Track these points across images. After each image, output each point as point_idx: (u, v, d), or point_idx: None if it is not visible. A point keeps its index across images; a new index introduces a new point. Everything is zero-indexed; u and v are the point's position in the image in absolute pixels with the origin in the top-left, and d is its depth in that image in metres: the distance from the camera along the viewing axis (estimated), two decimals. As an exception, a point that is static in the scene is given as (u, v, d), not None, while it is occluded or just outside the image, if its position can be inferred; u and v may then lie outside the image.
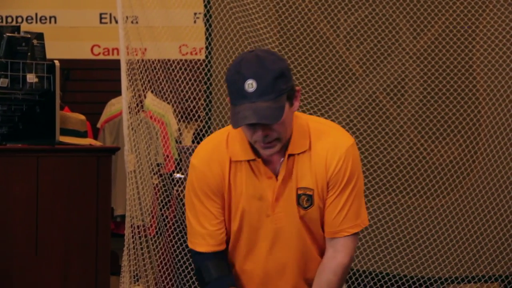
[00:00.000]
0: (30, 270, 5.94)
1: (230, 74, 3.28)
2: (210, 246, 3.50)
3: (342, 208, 3.46)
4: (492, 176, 6.07)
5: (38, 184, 5.97)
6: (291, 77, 3.25)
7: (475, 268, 6.11)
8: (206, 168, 3.47)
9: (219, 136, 3.58)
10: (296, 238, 3.55)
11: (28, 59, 5.99)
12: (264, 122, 3.13)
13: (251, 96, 3.14)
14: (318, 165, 3.44)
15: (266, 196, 3.42)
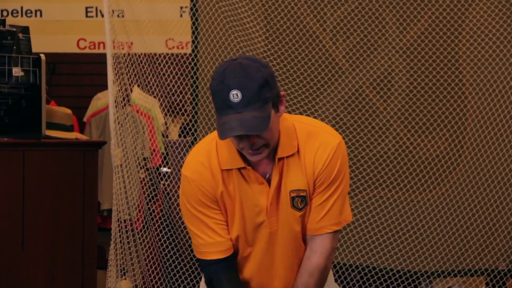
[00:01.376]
0: (16, 266, 5.96)
1: (214, 83, 3.22)
2: (221, 253, 3.45)
3: (325, 205, 3.44)
4: (478, 170, 6.05)
5: (24, 178, 5.97)
6: (275, 84, 3.25)
7: (461, 262, 6.10)
8: (200, 178, 3.43)
9: (207, 145, 3.53)
10: (291, 240, 3.52)
11: (13, 52, 5.99)
12: (251, 133, 3.12)
13: (236, 107, 3.12)
14: (308, 166, 3.42)
15: (259, 202, 3.39)
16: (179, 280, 6.16)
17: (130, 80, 6.48)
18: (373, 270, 6.17)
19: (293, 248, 3.58)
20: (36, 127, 6.06)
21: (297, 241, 3.55)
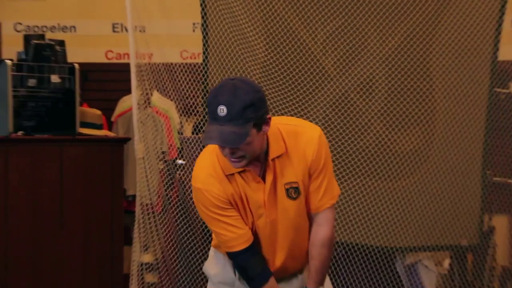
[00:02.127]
0: (56, 243, 6.35)
1: (209, 97, 3.65)
2: (245, 243, 3.81)
3: (321, 186, 3.82)
4: (445, 161, 6.45)
5: (62, 169, 6.38)
6: (262, 107, 3.54)
7: (429, 239, 6.46)
8: (210, 187, 3.77)
9: (209, 158, 3.87)
10: (289, 225, 3.89)
11: (52, 62, 6.41)
12: (224, 145, 3.52)
13: (220, 120, 3.49)
14: (298, 161, 3.82)
15: (258, 198, 3.79)
16: (192, 254, 6.41)
17: (150, 85, 6.79)
18: (356, 246, 6.43)
19: (292, 231, 3.91)
20: (71, 126, 6.49)
21: (295, 225, 3.92)
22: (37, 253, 6.34)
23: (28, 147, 6.38)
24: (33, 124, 6.44)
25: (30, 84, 6.36)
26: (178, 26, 7.08)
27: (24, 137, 6.36)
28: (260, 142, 3.66)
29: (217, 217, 3.87)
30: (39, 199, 6.34)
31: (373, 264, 6.53)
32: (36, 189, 6.34)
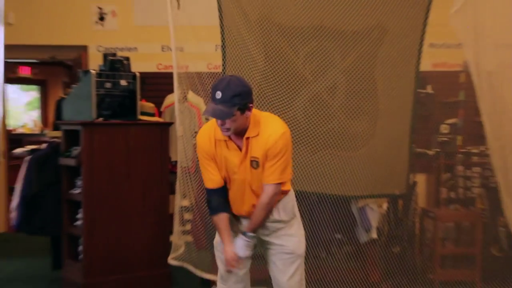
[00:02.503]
0: (124, 192, 6.46)
1: (213, 84, 3.95)
2: (214, 184, 4.14)
3: (272, 167, 4.02)
4: (385, 138, 6.47)
5: (128, 142, 6.49)
6: (246, 98, 3.89)
7: (374, 190, 6.47)
8: (202, 142, 4.16)
9: (211, 125, 4.13)
10: (252, 185, 4.12)
11: (121, 72, 6.54)
12: (214, 117, 3.92)
13: (216, 101, 3.85)
14: (262, 144, 4.01)
15: (234, 161, 4.06)
16: None
17: (186, 87, 6.78)
18: (325, 195, 6.38)
19: (254, 190, 4.14)
20: (134, 114, 6.61)
21: (254, 186, 4.12)
22: (112, 196, 6.43)
23: (105, 128, 6.43)
24: (109, 113, 6.47)
25: (107, 86, 6.46)
26: (205, 47, 7.06)
27: (102, 122, 6.40)
28: (242, 122, 3.94)
29: (202, 161, 4.21)
30: (113, 161, 6.43)
31: (337, 207, 6.49)
32: (111, 155, 6.42)
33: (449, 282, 6.51)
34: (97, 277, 6.32)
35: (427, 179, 7.49)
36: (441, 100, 7.22)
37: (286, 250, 4.23)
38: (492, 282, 6.36)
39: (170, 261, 6.56)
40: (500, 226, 6.73)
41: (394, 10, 6.42)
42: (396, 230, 6.87)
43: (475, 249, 6.64)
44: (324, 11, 6.37)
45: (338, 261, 6.74)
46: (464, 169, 7.08)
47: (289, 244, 4.24)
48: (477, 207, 6.98)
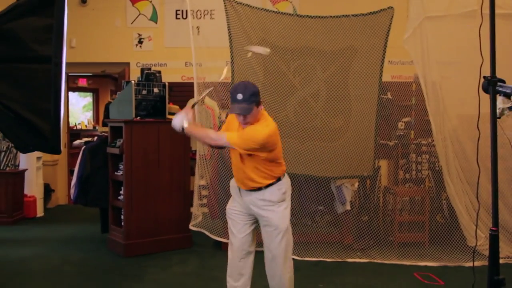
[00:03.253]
0: (156, 174, 6.38)
1: (232, 89, 3.95)
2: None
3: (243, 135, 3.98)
4: (356, 132, 6.42)
5: (158, 136, 6.41)
6: (258, 96, 3.94)
7: (348, 172, 6.48)
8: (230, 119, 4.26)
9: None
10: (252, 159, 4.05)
11: (154, 82, 6.46)
12: (240, 113, 3.90)
13: (238, 101, 3.87)
14: None
15: None
16: (224, 180, 6.16)
17: (204, 93, 6.79)
18: (311, 176, 6.39)
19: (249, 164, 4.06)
20: (163, 114, 6.50)
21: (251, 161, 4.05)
22: (146, 177, 6.38)
23: (142, 125, 6.36)
24: (144, 113, 6.42)
25: (143, 93, 6.41)
26: (218, 63, 6.86)
27: (139, 120, 6.34)
28: (256, 115, 3.97)
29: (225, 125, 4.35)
30: (147, 150, 6.37)
31: (319, 185, 6.48)
32: (146, 146, 6.36)
33: (405, 243, 6.53)
34: (134, 239, 6.34)
35: (388, 164, 7.47)
36: (398, 104, 7.20)
37: (271, 223, 4.08)
38: (437, 242, 6.39)
39: (190, 227, 6.59)
40: (443, 199, 6.75)
41: (362, 36, 6.45)
42: (365, 203, 6.88)
43: (424, 217, 6.70)
44: (309, 35, 6.42)
45: (320, 228, 6.80)
46: (416, 156, 7.09)
47: (273, 218, 4.09)
48: (425, 185, 7.00)
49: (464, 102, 5.86)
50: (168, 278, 5.50)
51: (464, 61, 5.52)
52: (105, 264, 6.00)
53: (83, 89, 15.12)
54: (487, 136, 2.68)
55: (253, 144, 3.89)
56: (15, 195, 8.20)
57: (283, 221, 4.11)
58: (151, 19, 9.35)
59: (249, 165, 4.06)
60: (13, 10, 2.65)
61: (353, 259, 6.16)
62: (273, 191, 4.10)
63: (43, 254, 6.40)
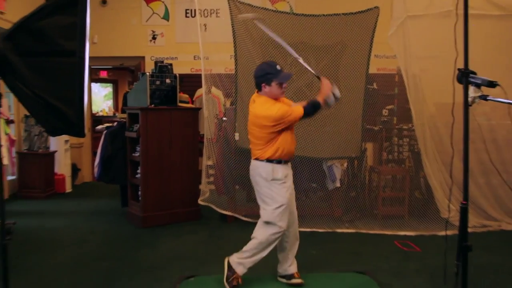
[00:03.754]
0: (168, 155, 6.34)
1: (266, 68, 3.90)
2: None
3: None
4: (345, 118, 6.34)
5: (171, 122, 6.37)
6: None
7: (338, 153, 6.45)
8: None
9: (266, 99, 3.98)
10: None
11: (166, 73, 6.41)
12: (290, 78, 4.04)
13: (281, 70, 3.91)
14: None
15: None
16: (229, 160, 6.36)
17: (210, 83, 6.69)
18: (306, 157, 6.24)
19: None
20: (175, 102, 6.47)
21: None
22: (160, 158, 6.36)
23: (156, 112, 6.32)
24: (158, 101, 6.39)
25: (157, 84, 6.38)
26: (223, 56, 7.08)
27: (154, 107, 6.30)
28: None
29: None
30: (161, 134, 6.33)
31: (313, 165, 6.44)
32: (159, 130, 6.32)
33: (387, 215, 6.54)
34: (150, 212, 6.35)
35: (373, 146, 7.46)
36: (382, 93, 7.20)
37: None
38: (415, 215, 6.40)
39: (199, 202, 6.62)
40: (421, 177, 6.76)
41: (351, 32, 6.39)
42: (353, 181, 6.89)
43: (405, 193, 6.69)
44: (304, 31, 6.36)
45: (313, 202, 6.74)
46: (398, 140, 7.05)
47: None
48: (406, 165, 6.97)
49: (440, 92, 5.73)
50: (179, 246, 5.53)
51: (441, 55, 5.49)
52: (125, 234, 6.03)
53: (104, 80, 15.13)
54: (460, 122, 2.71)
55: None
56: (47, 174, 8.25)
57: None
58: (163, 18, 9.34)
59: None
60: (42, 10, 2.65)
61: (341, 229, 6.18)
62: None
63: (72, 225, 6.44)
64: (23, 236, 5.73)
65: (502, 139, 6.14)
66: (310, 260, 4.91)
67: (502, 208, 6.30)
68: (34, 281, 4.39)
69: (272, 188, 3.98)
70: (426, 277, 4.46)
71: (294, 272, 4.26)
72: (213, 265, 4.66)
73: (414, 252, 5.28)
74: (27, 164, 8.11)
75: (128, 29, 9.34)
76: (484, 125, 5.99)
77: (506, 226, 6.18)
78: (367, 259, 5.02)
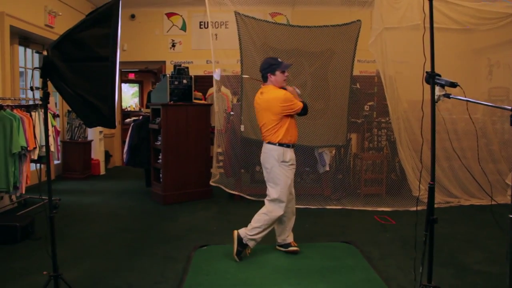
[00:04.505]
0: (185, 143, 6.30)
1: (270, 61, 3.86)
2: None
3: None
4: (333, 112, 6.31)
5: (187, 116, 6.32)
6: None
7: (327, 142, 6.39)
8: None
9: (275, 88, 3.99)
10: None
11: (183, 75, 6.36)
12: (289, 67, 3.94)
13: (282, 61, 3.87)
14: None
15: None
16: (236, 149, 6.35)
17: (220, 83, 6.66)
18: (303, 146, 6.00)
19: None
20: (190, 99, 6.41)
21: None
22: (178, 146, 6.32)
23: (174, 107, 6.27)
24: (176, 99, 6.34)
25: (175, 84, 6.34)
26: (231, 61, 7.01)
27: (173, 104, 6.26)
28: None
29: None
30: (179, 126, 6.30)
31: (306, 152, 6.39)
32: (178, 123, 6.29)
33: (369, 194, 6.55)
34: (169, 191, 6.32)
35: (357, 136, 7.39)
36: (364, 92, 7.18)
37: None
38: (391, 193, 6.41)
39: (210, 183, 6.59)
40: (396, 162, 6.71)
41: (338, 41, 6.32)
42: (340, 165, 6.83)
43: (382, 175, 6.67)
44: (298, 40, 6.30)
45: (306, 183, 6.73)
46: (377, 131, 7.11)
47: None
48: (384, 152, 6.96)
49: (412, 91, 5.84)
50: (194, 220, 5.53)
51: (412, 60, 5.51)
52: (149, 210, 6.03)
53: (132, 81, 15.10)
54: (428, 116, 2.69)
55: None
56: (85, 159, 8.30)
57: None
58: (181, 29, 9.31)
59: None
60: (82, 24, 2.69)
61: (330, 206, 6.17)
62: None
63: (105, 201, 6.45)
64: (66, 210, 5.77)
65: (462, 130, 6.13)
66: (304, 232, 4.91)
67: (461, 187, 6.33)
68: (75, 247, 4.43)
69: (282, 170, 3.97)
70: (400, 245, 4.48)
71: (291, 241, 4.27)
72: (223, 236, 4.68)
73: (390, 225, 5.27)
74: (69, 151, 8.15)
75: (152, 38, 9.32)
76: (447, 118, 6.08)
77: (464, 202, 6.21)
78: (351, 231, 5.02)
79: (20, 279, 3.58)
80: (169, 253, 4.28)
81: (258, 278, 3.68)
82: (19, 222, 4.49)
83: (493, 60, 6.75)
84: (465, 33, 6.20)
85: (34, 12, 6.97)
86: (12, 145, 4.85)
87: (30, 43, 7.45)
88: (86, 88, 2.65)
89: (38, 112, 5.41)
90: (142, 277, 3.68)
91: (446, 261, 4.00)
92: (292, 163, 4.01)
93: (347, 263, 3.99)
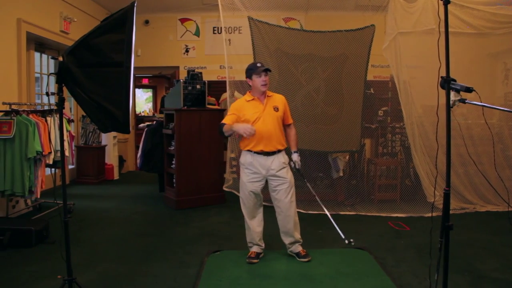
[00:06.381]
0: (197, 148, 6.33)
1: (249, 66, 4.00)
2: (227, 121, 3.92)
3: (288, 115, 4.12)
4: (347, 118, 6.28)
5: (200, 120, 6.36)
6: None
7: (341, 148, 6.38)
8: (236, 104, 4.11)
9: (247, 95, 4.12)
10: (273, 124, 3.96)
11: (197, 80, 6.40)
12: (265, 69, 3.94)
13: (261, 67, 3.90)
14: (279, 101, 4.05)
15: (258, 110, 3.97)
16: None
17: (233, 89, 6.61)
18: (313, 151, 6.27)
19: (272, 127, 3.95)
20: (204, 104, 6.44)
21: (274, 125, 3.96)
22: (191, 151, 6.35)
23: (188, 112, 6.31)
24: (190, 104, 6.38)
25: (189, 89, 6.38)
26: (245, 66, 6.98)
27: (186, 109, 6.30)
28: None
29: (229, 112, 4.07)
30: (192, 131, 6.33)
31: (320, 157, 6.41)
32: (191, 128, 6.32)
33: (383, 200, 6.51)
34: (183, 196, 6.35)
35: (371, 141, 7.38)
36: (378, 97, 7.15)
37: (286, 181, 4.08)
38: (405, 199, 6.34)
39: (224, 188, 6.62)
40: (410, 168, 6.66)
41: (351, 46, 6.32)
42: (353, 171, 6.82)
43: (397, 181, 6.64)
44: (312, 45, 6.31)
45: (320, 189, 6.70)
46: (391, 136, 7.08)
47: (288, 177, 4.10)
48: (398, 157, 6.93)
49: (426, 96, 5.83)
50: (207, 225, 5.54)
51: (426, 65, 5.45)
52: (162, 214, 6.06)
53: (146, 86, 15.23)
54: (443, 121, 2.66)
55: None
56: (99, 163, 8.35)
57: (292, 179, 4.16)
58: (195, 34, 9.32)
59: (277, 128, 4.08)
60: (98, 30, 2.71)
61: (344, 212, 6.15)
62: (284, 155, 4.14)
63: (118, 206, 6.48)
64: (80, 215, 5.79)
65: (477, 135, 6.08)
66: (318, 238, 4.90)
67: (476, 193, 6.27)
68: (89, 251, 4.46)
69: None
70: (414, 252, 4.45)
71: (299, 250, 4.27)
72: (236, 242, 4.69)
73: (405, 231, 5.24)
74: (83, 156, 8.22)
75: (166, 44, 9.35)
76: (462, 124, 6.06)
77: (480, 208, 6.15)
78: (365, 237, 4.99)
79: (35, 282, 3.61)
80: (182, 258, 4.29)
81: (270, 284, 3.67)
82: (34, 226, 4.54)
83: (509, 64, 6.72)
84: (481, 37, 6.17)
85: (49, 18, 7.07)
86: (27, 149, 4.91)
87: (46, 49, 7.56)
88: (100, 94, 2.67)
89: (54, 117, 5.48)
90: (155, 282, 3.70)
91: (461, 268, 3.95)
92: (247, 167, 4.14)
93: (361, 269, 3.97)
